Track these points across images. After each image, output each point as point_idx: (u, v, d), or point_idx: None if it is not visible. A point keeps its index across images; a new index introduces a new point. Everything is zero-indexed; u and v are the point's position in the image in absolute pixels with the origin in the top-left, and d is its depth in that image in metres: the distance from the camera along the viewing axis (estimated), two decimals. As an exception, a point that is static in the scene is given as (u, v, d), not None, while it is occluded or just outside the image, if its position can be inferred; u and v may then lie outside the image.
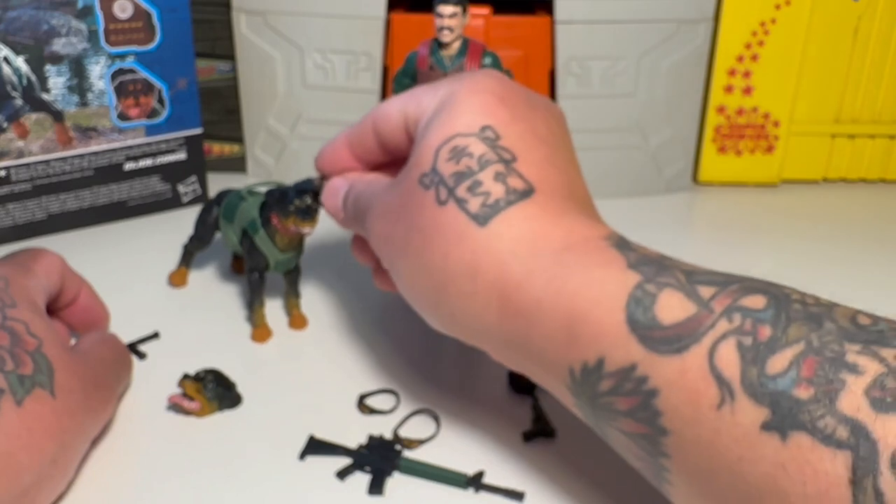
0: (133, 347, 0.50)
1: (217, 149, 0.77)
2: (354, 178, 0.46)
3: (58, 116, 0.63)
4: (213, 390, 0.44)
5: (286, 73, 0.72)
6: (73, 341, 0.47)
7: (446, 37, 0.49)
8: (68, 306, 0.46)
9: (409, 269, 0.39)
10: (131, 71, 0.65)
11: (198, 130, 0.70)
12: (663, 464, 0.31)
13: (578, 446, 0.42)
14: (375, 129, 0.44)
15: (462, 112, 0.38)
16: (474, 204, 0.36)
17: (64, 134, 0.64)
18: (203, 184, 0.72)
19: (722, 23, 0.71)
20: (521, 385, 0.46)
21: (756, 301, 0.30)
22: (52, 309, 0.45)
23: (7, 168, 0.62)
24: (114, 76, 0.64)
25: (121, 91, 0.65)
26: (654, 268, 0.33)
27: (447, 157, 0.38)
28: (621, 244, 0.36)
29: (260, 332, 0.51)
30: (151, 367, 0.48)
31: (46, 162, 0.64)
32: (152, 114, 0.67)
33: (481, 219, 0.36)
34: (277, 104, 0.74)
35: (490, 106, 0.39)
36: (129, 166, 0.67)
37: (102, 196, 0.67)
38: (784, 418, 0.27)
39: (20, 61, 0.61)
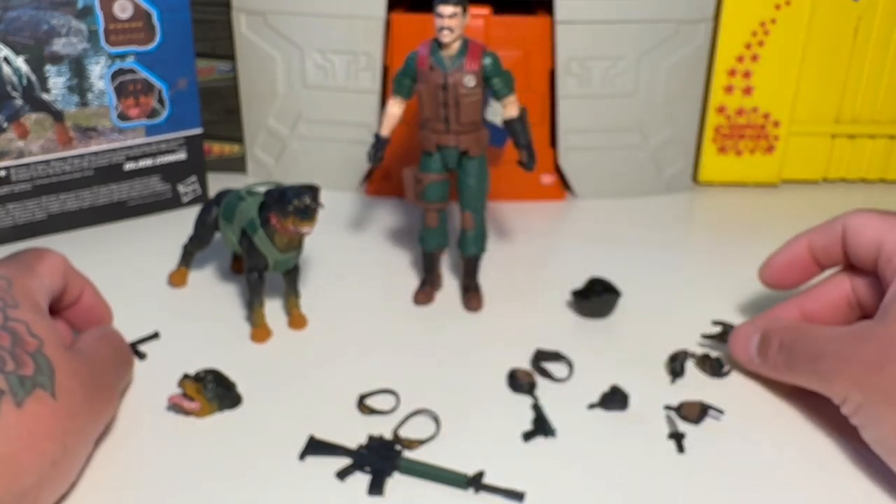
0: (133, 347, 0.50)
1: (217, 149, 0.77)
2: (766, 325, 0.47)
3: (58, 116, 0.63)
4: (213, 390, 0.44)
5: (286, 73, 0.72)
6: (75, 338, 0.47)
7: (446, 37, 0.49)
8: (72, 306, 0.46)
9: None
10: (131, 71, 0.65)
11: (198, 130, 0.70)
12: None
13: (578, 446, 0.42)
14: (846, 240, 0.46)
15: None
16: None
17: (64, 134, 0.64)
18: (203, 184, 0.72)
19: (722, 23, 0.71)
20: (521, 385, 0.47)
21: None
22: (56, 308, 0.45)
23: (7, 168, 0.62)
24: (114, 76, 0.64)
25: (121, 91, 0.65)
26: None
27: None
28: None
29: (260, 332, 0.51)
30: (151, 367, 0.49)
31: (46, 162, 0.64)
32: (152, 114, 0.67)
33: None
34: (277, 104, 0.74)
35: None
36: (129, 166, 0.67)
37: (102, 196, 0.67)
38: None
39: (20, 61, 0.61)
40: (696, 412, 0.44)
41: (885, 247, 0.43)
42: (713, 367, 0.48)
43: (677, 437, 0.42)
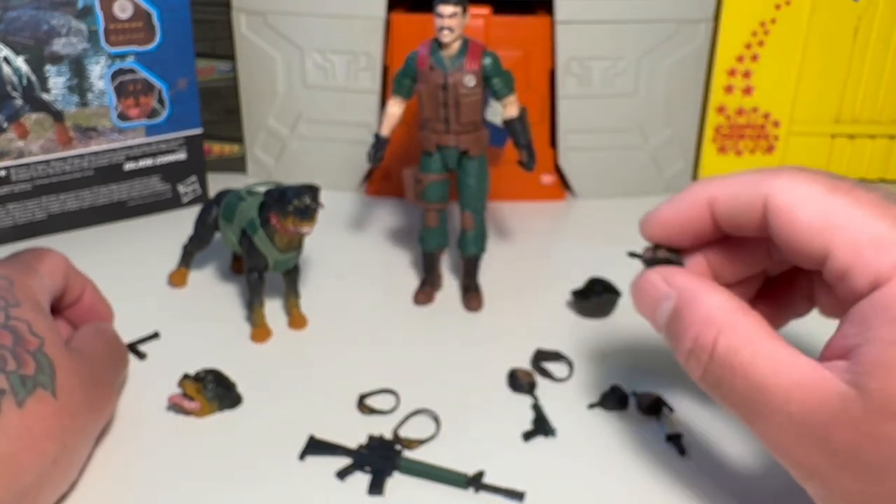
0: (133, 347, 0.50)
1: (217, 149, 0.77)
2: (686, 285, 0.34)
3: (58, 116, 0.63)
4: (213, 390, 0.44)
5: (286, 73, 0.72)
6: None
7: (446, 37, 0.49)
8: (73, 305, 0.46)
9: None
10: (131, 71, 0.65)
11: (198, 130, 0.70)
12: None
13: (578, 446, 0.42)
14: (767, 219, 0.32)
15: None
16: None
17: (64, 134, 0.64)
18: (203, 184, 0.72)
19: (722, 23, 0.71)
20: (521, 385, 0.47)
21: None
22: (57, 308, 0.45)
23: (7, 168, 0.62)
24: (114, 76, 0.64)
25: (121, 91, 0.65)
26: None
27: None
28: None
29: (260, 331, 0.51)
30: (151, 367, 0.49)
31: (46, 162, 0.64)
32: (152, 114, 0.67)
33: None
34: (277, 104, 0.74)
35: None
36: (129, 166, 0.67)
37: (102, 196, 0.67)
38: None
39: (20, 61, 0.61)
40: (648, 403, 0.44)
41: (837, 255, 0.30)
42: None
43: (675, 438, 0.42)
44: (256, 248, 0.51)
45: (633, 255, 0.39)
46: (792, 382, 0.30)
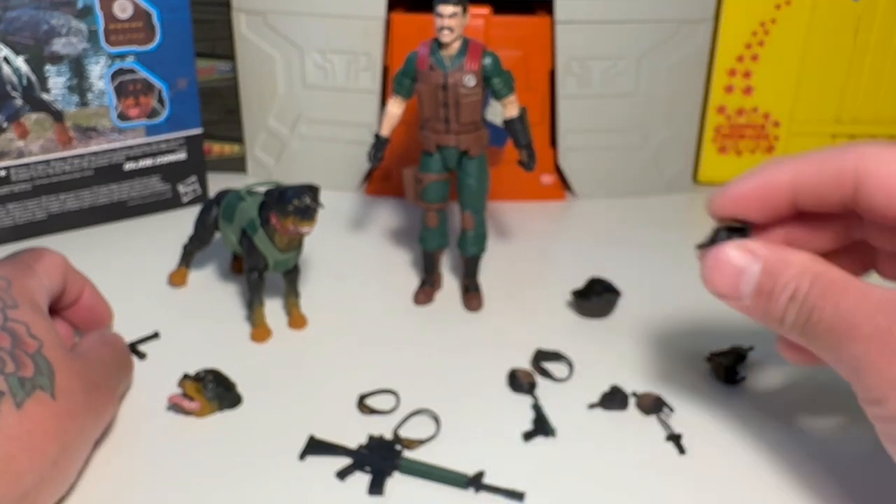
0: (133, 347, 0.50)
1: (217, 149, 0.77)
2: (772, 255, 0.35)
3: (58, 116, 0.63)
4: (213, 390, 0.44)
5: (286, 73, 0.72)
6: (76, 339, 0.47)
7: (446, 37, 0.49)
8: (72, 306, 0.46)
9: None
10: (131, 71, 0.65)
11: (198, 130, 0.70)
12: None
13: (578, 446, 0.42)
14: (858, 190, 0.34)
15: None
16: None
17: (64, 134, 0.64)
18: (203, 184, 0.72)
19: (722, 23, 0.71)
20: (521, 385, 0.47)
21: None
22: (56, 308, 0.45)
23: (7, 168, 0.62)
24: (114, 76, 0.64)
25: (121, 91, 0.65)
26: None
27: None
28: None
29: (260, 331, 0.51)
30: (151, 367, 0.49)
31: (46, 162, 0.64)
32: (152, 114, 0.67)
33: None
34: (277, 104, 0.74)
35: None
36: (129, 166, 0.67)
37: (102, 196, 0.67)
38: None
39: (20, 61, 0.61)
40: (648, 403, 0.44)
41: None
42: (727, 374, 0.48)
43: (675, 438, 0.42)
44: (256, 248, 0.51)
45: (702, 245, 0.39)
46: (879, 300, 0.32)
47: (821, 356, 0.34)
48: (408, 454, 0.41)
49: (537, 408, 0.45)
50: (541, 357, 0.49)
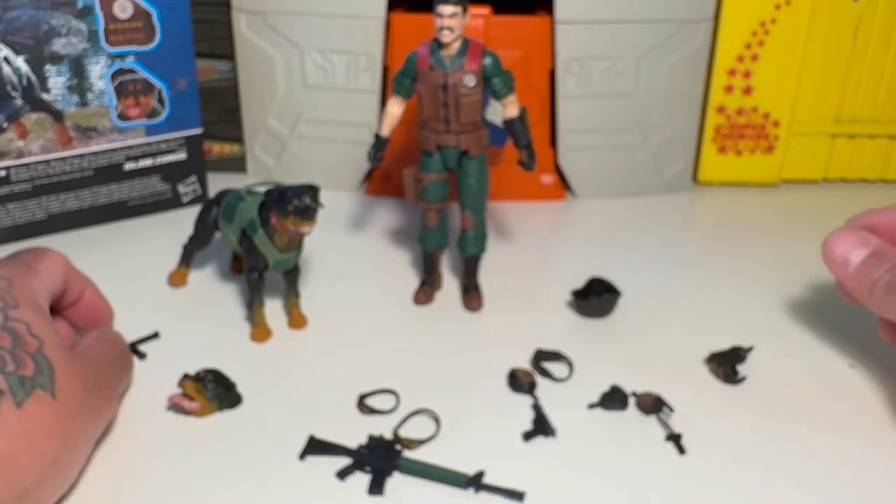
0: (133, 347, 0.50)
1: (217, 149, 0.77)
2: (880, 245, 0.45)
3: (58, 116, 0.63)
4: (213, 390, 0.44)
5: (286, 73, 0.72)
6: (77, 338, 0.47)
7: (446, 37, 0.49)
8: (72, 305, 0.46)
9: None
10: (131, 71, 0.65)
11: (198, 130, 0.70)
12: None
13: (578, 446, 0.42)
14: None
15: None
16: None
17: (64, 134, 0.64)
18: (203, 184, 0.72)
19: (722, 23, 0.71)
20: (521, 385, 0.47)
21: None
22: (57, 308, 0.45)
23: (7, 168, 0.62)
24: (114, 76, 0.64)
25: (121, 91, 0.65)
26: None
27: None
28: None
29: (260, 331, 0.51)
30: (151, 366, 0.49)
31: (46, 162, 0.64)
32: (152, 114, 0.67)
33: None
34: (277, 104, 0.74)
35: None
36: (129, 166, 0.67)
37: (102, 196, 0.67)
38: None
39: (20, 61, 0.61)
40: (648, 403, 0.44)
41: None
42: (727, 375, 0.48)
43: (675, 438, 0.42)
44: (256, 248, 0.51)
45: None
46: None
47: None
48: (408, 454, 0.41)
49: (537, 408, 0.45)
50: (541, 357, 0.49)
